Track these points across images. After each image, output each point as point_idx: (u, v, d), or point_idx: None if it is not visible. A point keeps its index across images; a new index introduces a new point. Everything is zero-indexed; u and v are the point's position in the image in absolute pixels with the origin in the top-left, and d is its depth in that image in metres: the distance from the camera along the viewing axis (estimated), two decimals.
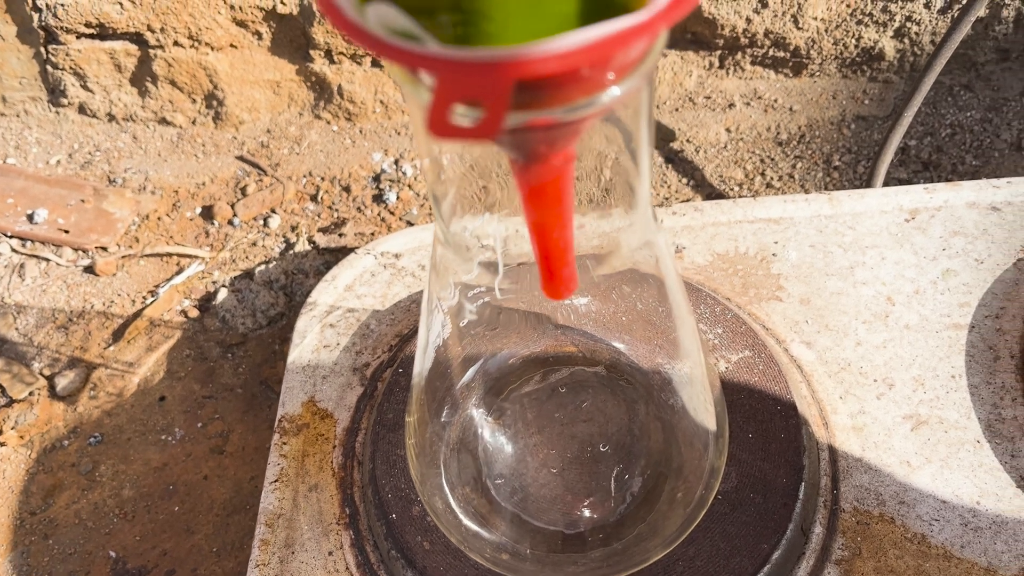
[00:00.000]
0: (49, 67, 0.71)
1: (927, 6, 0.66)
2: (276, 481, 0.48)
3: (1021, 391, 0.47)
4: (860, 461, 0.46)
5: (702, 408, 0.39)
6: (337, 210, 0.68)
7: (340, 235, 0.66)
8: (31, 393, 0.59)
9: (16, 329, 0.63)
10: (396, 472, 0.45)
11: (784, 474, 0.43)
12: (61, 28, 0.68)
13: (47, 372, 0.61)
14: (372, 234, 0.66)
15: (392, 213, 0.68)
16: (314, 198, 0.69)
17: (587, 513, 0.42)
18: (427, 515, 0.43)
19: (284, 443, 0.49)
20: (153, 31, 0.68)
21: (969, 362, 0.49)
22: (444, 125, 0.19)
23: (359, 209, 0.68)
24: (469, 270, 0.36)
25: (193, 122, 0.74)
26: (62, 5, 0.66)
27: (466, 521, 0.41)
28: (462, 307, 0.39)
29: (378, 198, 0.69)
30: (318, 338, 0.54)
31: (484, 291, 0.38)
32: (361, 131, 0.73)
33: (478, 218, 0.33)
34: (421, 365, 0.40)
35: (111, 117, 0.74)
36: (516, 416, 0.45)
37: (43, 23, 0.68)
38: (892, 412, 0.48)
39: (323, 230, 0.67)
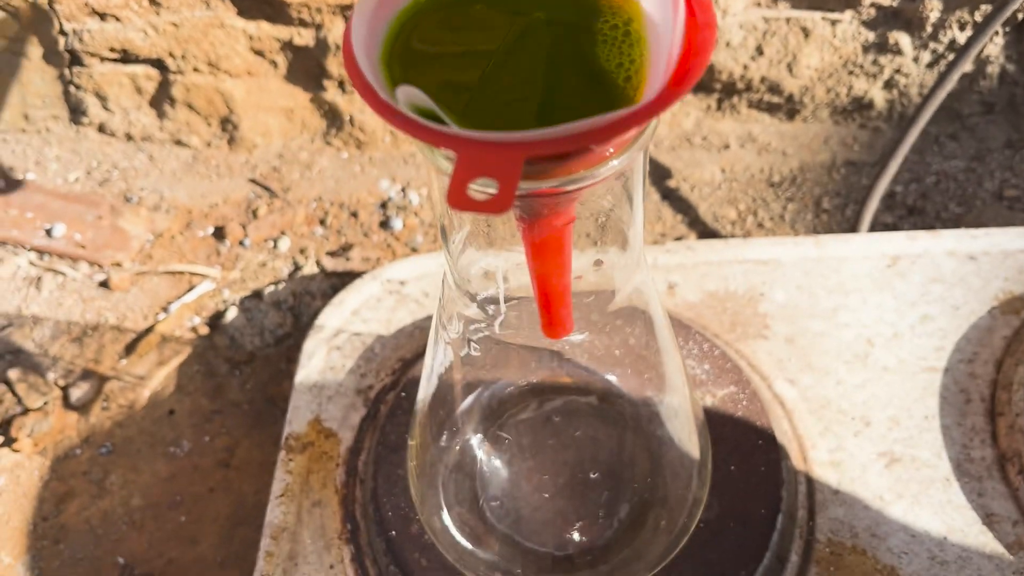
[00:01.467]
0: (72, 88, 0.74)
1: (915, 60, 0.69)
2: (282, 496, 0.50)
3: (990, 433, 0.50)
4: (836, 495, 0.49)
5: (687, 440, 0.42)
6: (344, 235, 0.71)
7: (347, 259, 0.69)
8: (46, 403, 0.62)
9: (32, 340, 0.66)
10: (397, 491, 0.48)
11: (763, 505, 0.46)
12: (86, 52, 0.71)
13: (62, 383, 0.63)
14: (378, 259, 0.69)
15: (397, 239, 0.71)
16: (323, 222, 0.72)
17: (576, 536, 0.44)
18: (425, 533, 0.46)
19: (290, 460, 0.51)
20: (174, 57, 0.71)
21: (942, 404, 0.52)
22: (462, 199, 0.21)
23: (366, 234, 0.71)
24: (472, 304, 0.38)
25: (208, 144, 0.77)
26: (88, 31, 0.69)
27: (462, 540, 0.43)
28: (464, 339, 0.41)
29: (384, 224, 0.72)
30: (324, 360, 0.56)
31: (485, 324, 0.41)
32: (370, 159, 0.76)
33: (483, 254, 0.36)
34: (425, 391, 0.43)
35: (129, 137, 0.77)
36: (512, 442, 0.47)
37: (68, 47, 0.71)
38: (868, 449, 0.50)
39: (331, 254, 0.70)
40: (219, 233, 0.72)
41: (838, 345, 0.55)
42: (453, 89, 0.24)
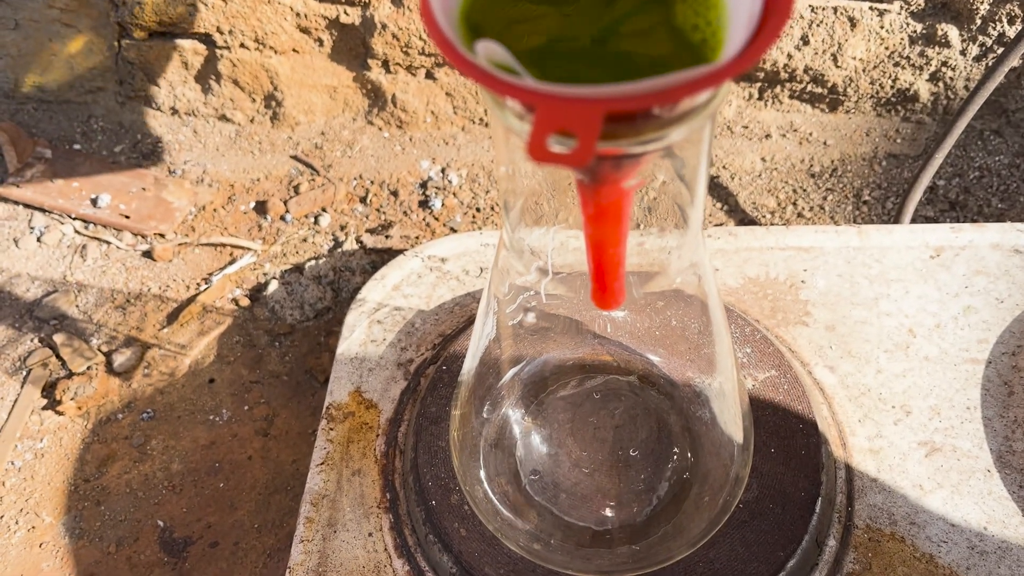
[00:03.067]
0: (120, 61, 0.75)
1: (963, 53, 0.68)
2: (322, 464, 0.51)
3: None
4: (875, 482, 0.49)
5: (732, 421, 0.42)
6: (385, 213, 0.72)
7: (387, 237, 0.70)
8: (89, 367, 0.63)
9: (77, 307, 0.67)
10: (437, 462, 0.48)
11: (803, 488, 0.46)
12: (136, 24, 0.72)
13: (105, 349, 0.64)
14: (417, 238, 0.70)
15: (437, 219, 0.71)
16: (363, 200, 0.73)
17: (615, 512, 0.44)
18: (465, 503, 0.46)
19: (331, 429, 0.52)
20: (222, 32, 0.72)
21: (984, 395, 0.52)
22: (542, 151, 0.22)
23: (405, 213, 0.72)
24: (526, 273, 0.39)
25: (251, 121, 0.78)
26: (139, 3, 0.70)
27: (502, 511, 0.43)
28: (515, 310, 0.42)
29: (424, 204, 0.72)
30: (366, 333, 0.57)
31: (534, 296, 0.41)
32: (411, 139, 0.76)
33: (539, 228, 0.36)
34: (471, 363, 0.43)
35: (174, 111, 0.78)
36: (552, 418, 0.47)
37: (119, 19, 0.72)
38: (908, 438, 0.50)
39: (371, 231, 0.70)
40: (261, 208, 0.73)
41: (879, 334, 0.55)
42: (530, 45, 0.25)
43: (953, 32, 0.67)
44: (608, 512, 0.44)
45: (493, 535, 0.45)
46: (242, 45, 0.73)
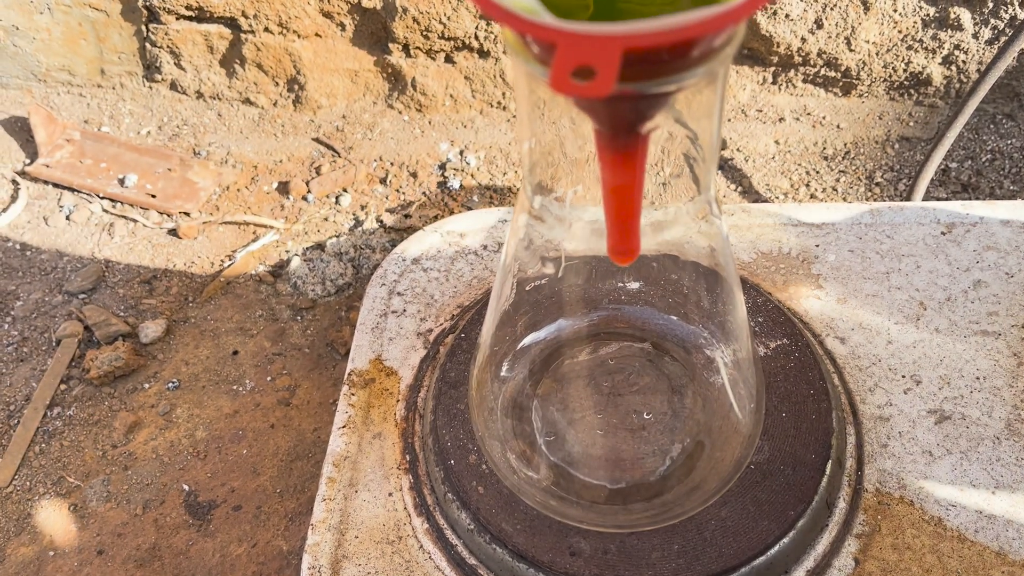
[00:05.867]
0: (148, 45, 0.77)
1: (975, 36, 0.69)
2: (344, 427, 0.52)
3: None
4: (885, 448, 0.50)
5: (743, 383, 0.43)
6: (404, 193, 0.73)
7: (406, 216, 0.71)
8: (117, 339, 0.65)
9: (105, 281, 0.69)
10: (456, 424, 0.50)
11: (813, 451, 0.47)
12: (163, 9, 0.74)
13: (132, 321, 0.66)
14: (435, 217, 0.71)
15: (455, 199, 0.73)
16: (383, 181, 0.74)
17: (630, 471, 0.46)
18: (482, 463, 0.48)
19: (352, 394, 0.54)
20: (247, 17, 0.74)
21: (994, 366, 0.53)
22: (564, 83, 0.23)
23: (424, 194, 0.73)
24: (544, 239, 0.40)
25: (274, 104, 0.79)
26: None
27: (520, 469, 0.45)
28: (532, 278, 0.43)
29: (443, 185, 0.74)
30: (386, 303, 0.58)
31: (552, 261, 0.43)
32: (430, 122, 0.78)
33: (557, 192, 0.37)
34: (489, 326, 0.44)
35: (199, 95, 0.80)
36: (568, 381, 0.49)
37: (147, 3, 0.74)
38: (918, 406, 0.51)
39: (390, 210, 0.72)
40: (283, 188, 0.74)
41: (890, 307, 0.55)
42: None
43: (966, 15, 0.68)
44: (622, 471, 0.46)
45: (510, 493, 0.46)
46: (266, 29, 0.75)
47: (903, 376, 0.52)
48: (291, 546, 0.54)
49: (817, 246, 0.59)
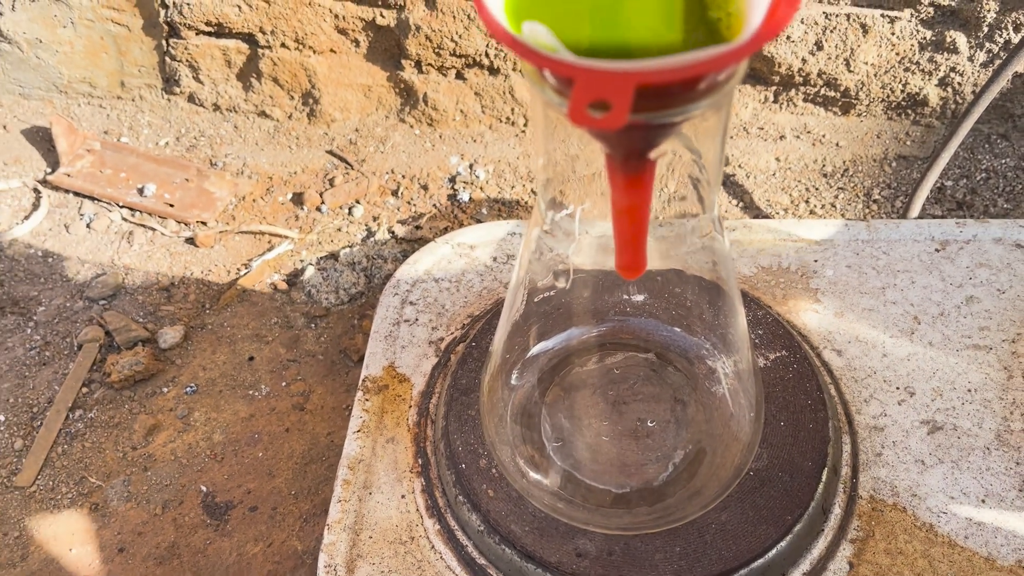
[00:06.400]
0: (167, 59, 0.79)
1: (971, 59, 0.71)
2: (358, 431, 0.54)
3: None
4: (879, 456, 0.52)
5: (743, 392, 0.45)
6: (415, 205, 0.75)
7: (417, 227, 0.73)
8: (136, 344, 0.67)
9: (125, 288, 0.71)
10: (467, 429, 0.52)
11: (810, 459, 0.49)
12: (184, 24, 0.76)
13: (151, 327, 0.68)
14: (446, 229, 0.73)
15: (464, 212, 0.75)
16: (395, 193, 0.76)
17: (634, 477, 0.48)
18: (493, 467, 0.50)
19: (366, 399, 0.56)
20: (264, 32, 0.76)
21: (985, 379, 0.55)
22: (581, 116, 0.25)
23: (435, 206, 0.75)
24: (555, 251, 0.42)
25: (289, 117, 0.82)
26: (187, 4, 0.74)
27: (529, 473, 0.47)
28: (542, 289, 0.45)
29: (453, 197, 0.76)
30: (399, 312, 0.60)
31: (562, 273, 0.45)
32: (441, 136, 0.80)
33: (569, 208, 0.40)
34: (501, 334, 0.46)
35: (216, 107, 0.82)
36: (575, 390, 0.51)
37: (168, 19, 0.76)
38: (911, 417, 0.53)
39: (402, 222, 0.74)
40: (298, 199, 0.77)
41: (885, 321, 0.58)
42: (569, 24, 0.28)
43: (961, 39, 0.70)
44: (627, 476, 0.48)
45: (519, 496, 0.48)
46: (283, 45, 0.77)
47: (897, 388, 0.54)
48: (305, 546, 0.56)
49: (816, 261, 0.61)
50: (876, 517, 0.49)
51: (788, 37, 0.72)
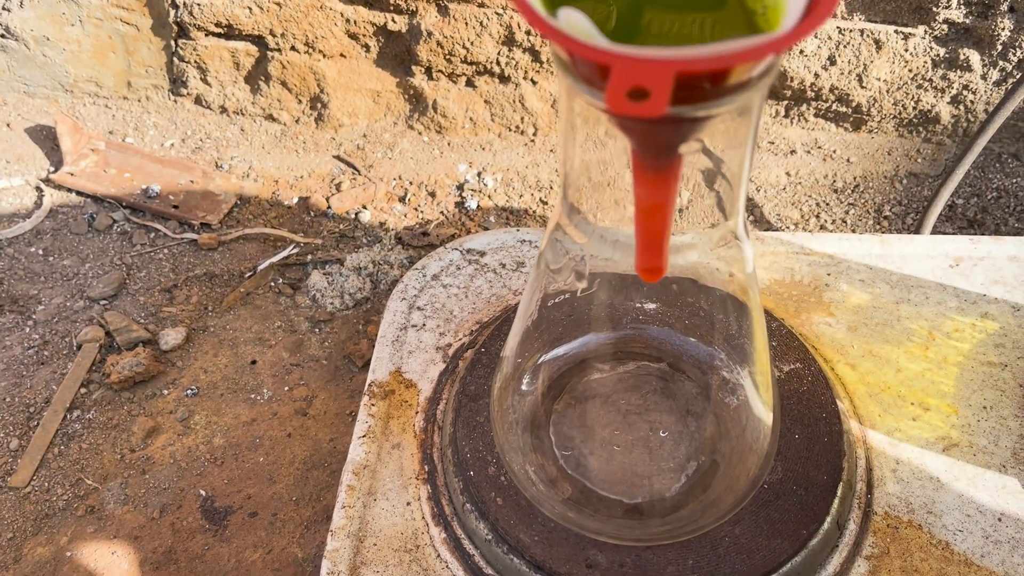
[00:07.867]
0: (176, 59, 0.79)
1: (984, 77, 0.71)
2: (364, 437, 0.53)
3: None
4: (894, 472, 0.51)
5: (760, 405, 0.45)
6: (422, 212, 0.75)
7: (424, 234, 0.72)
8: (137, 345, 0.66)
9: (127, 288, 0.70)
10: (475, 436, 0.51)
11: (825, 473, 0.48)
12: (193, 25, 0.75)
13: (152, 328, 0.67)
14: (453, 236, 0.72)
15: (472, 219, 0.74)
16: (402, 199, 0.76)
17: (645, 488, 0.47)
18: (502, 475, 0.49)
19: (372, 404, 0.55)
20: (274, 35, 0.75)
21: (1000, 396, 0.54)
22: (619, 103, 0.24)
23: (442, 213, 0.75)
24: (572, 258, 0.41)
25: (297, 121, 0.81)
26: (198, 4, 0.74)
27: (539, 482, 0.46)
28: (557, 295, 0.44)
29: (460, 205, 0.75)
30: (406, 317, 0.59)
31: (577, 280, 0.44)
32: (449, 143, 0.79)
33: (589, 214, 0.39)
34: (513, 341, 0.45)
35: (223, 110, 0.81)
36: (587, 399, 0.50)
37: (178, 19, 0.75)
38: (926, 433, 0.52)
39: (409, 228, 0.73)
40: (304, 203, 0.76)
41: (899, 336, 0.57)
42: (604, 11, 0.28)
43: (975, 57, 0.70)
44: (639, 487, 0.47)
45: (528, 505, 0.47)
46: (293, 48, 0.76)
47: (912, 403, 0.54)
48: (306, 553, 0.55)
49: (829, 274, 0.60)
50: (891, 534, 0.48)
51: (801, 51, 0.71)
